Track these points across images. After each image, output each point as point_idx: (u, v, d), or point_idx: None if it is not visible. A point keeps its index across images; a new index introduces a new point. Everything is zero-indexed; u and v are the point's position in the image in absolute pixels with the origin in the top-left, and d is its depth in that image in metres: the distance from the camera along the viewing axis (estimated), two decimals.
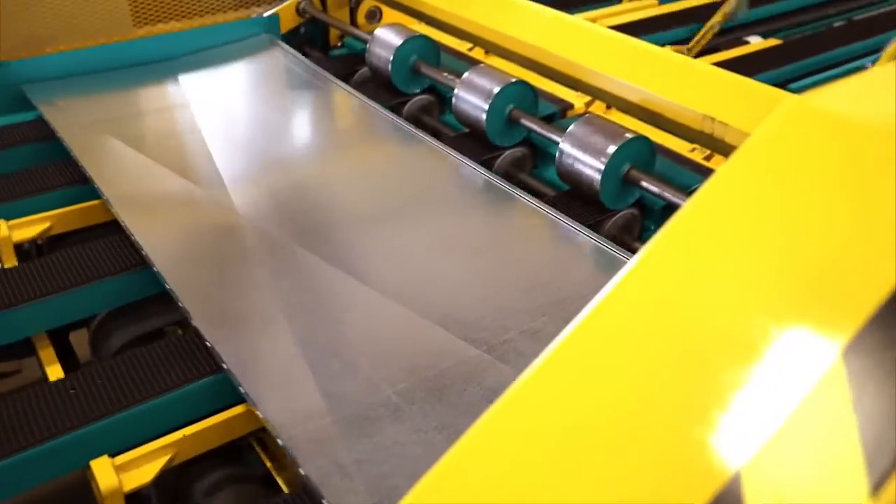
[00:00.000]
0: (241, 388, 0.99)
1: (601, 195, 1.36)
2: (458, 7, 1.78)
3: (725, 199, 0.53)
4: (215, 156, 1.53)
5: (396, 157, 1.57)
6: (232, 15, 2.28)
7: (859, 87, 0.62)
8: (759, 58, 2.32)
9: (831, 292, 0.49)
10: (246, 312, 1.13)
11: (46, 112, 1.68)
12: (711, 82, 1.32)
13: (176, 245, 1.29)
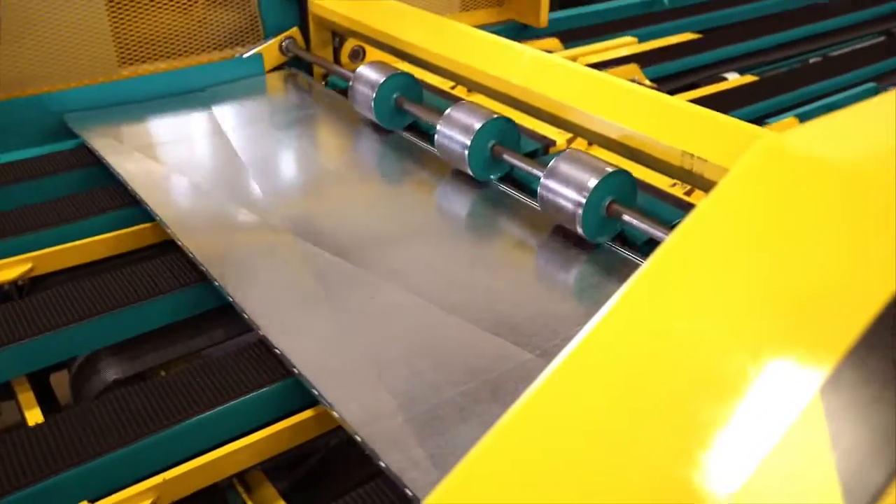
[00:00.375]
0: (314, 390, 1.05)
1: (583, 229, 1.37)
2: (440, 46, 1.80)
3: (702, 240, 0.53)
4: (254, 178, 1.62)
5: (421, 176, 1.67)
6: (217, 55, 2.30)
7: (831, 127, 0.63)
8: (737, 94, 2.37)
9: (809, 329, 0.49)
10: (308, 322, 1.20)
11: (90, 139, 1.77)
12: (689, 119, 1.34)
13: (232, 261, 1.35)
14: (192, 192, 1.59)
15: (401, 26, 1.92)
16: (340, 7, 2.11)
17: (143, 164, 1.68)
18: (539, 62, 1.62)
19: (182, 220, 1.47)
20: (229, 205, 1.53)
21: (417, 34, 1.87)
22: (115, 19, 2.11)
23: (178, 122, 1.93)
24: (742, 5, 3.36)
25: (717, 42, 2.86)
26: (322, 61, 2.19)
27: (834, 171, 0.55)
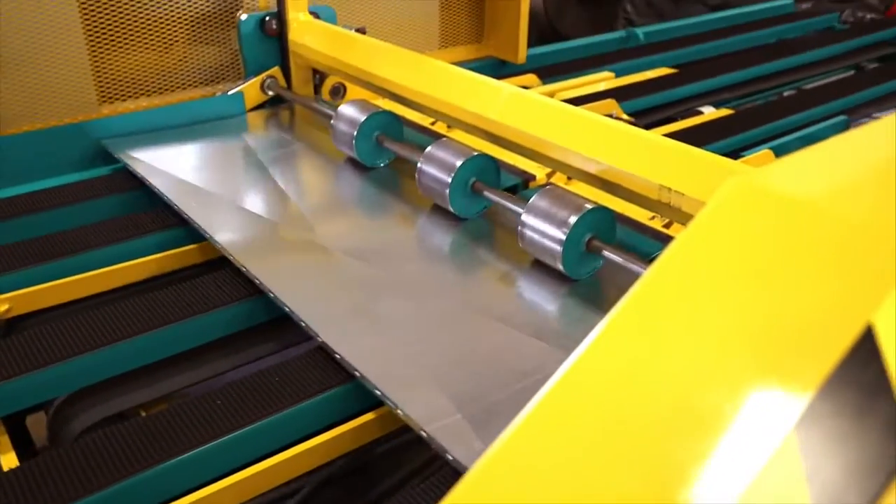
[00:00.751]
0: (377, 391, 1.11)
1: (563, 265, 1.38)
2: (419, 84, 1.82)
3: (675, 278, 0.54)
4: (294, 200, 1.70)
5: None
6: (198, 92, 2.31)
7: (801, 163, 0.64)
8: (713, 127, 2.41)
9: (783, 365, 0.50)
10: (361, 329, 1.26)
11: (132, 164, 1.85)
12: (666, 153, 1.36)
13: (286, 275, 1.43)
14: (234, 212, 1.67)
15: (380, 64, 1.94)
16: (320, 46, 2.13)
17: (184, 187, 1.75)
18: (517, 99, 1.65)
19: (232, 239, 1.55)
20: (271, 222, 1.62)
21: (397, 72, 1.89)
22: (95, 57, 2.12)
23: (207, 149, 2.01)
24: (716, 41, 3.43)
25: (693, 76, 2.91)
26: (303, 99, 2.20)
27: (804, 207, 0.56)
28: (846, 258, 0.51)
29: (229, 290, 1.42)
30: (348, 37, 2.12)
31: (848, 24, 3.86)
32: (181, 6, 2.22)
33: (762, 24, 3.71)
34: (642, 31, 3.46)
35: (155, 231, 1.64)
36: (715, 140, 2.25)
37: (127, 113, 2.10)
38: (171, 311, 1.36)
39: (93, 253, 1.56)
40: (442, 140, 1.66)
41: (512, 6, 2.81)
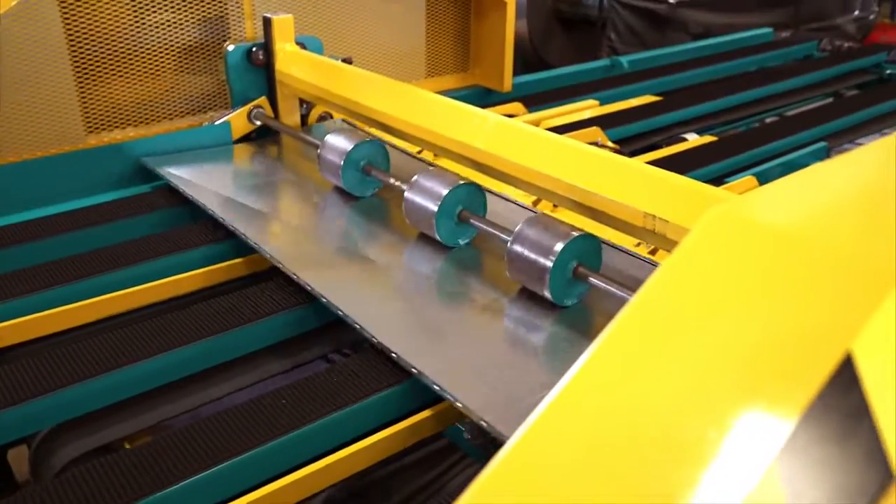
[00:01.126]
0: (436, 386, 1.19)
1: (550, 292, 1.38)
2: (405, 113, 1.84)
3: (658, 308, 0.55)
4: (331, 214, 1.80)
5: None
6: (185, 122, 2.32)
7: (781, 192, 0.65)
8: (697, 154, 2.43)
9: (765, 393, 0.50)
10: (414, 329, 1.37)
11: (174, 181, 1.93)
12: (650, 181, 1.38)
13: (336, 282, 1.51)
14: (283, 225, 1.78)
15: (366, 94, 1.96)
16: (306, 76, 2.14)
17: (229, 203, 1.83)
18: (502, 127, 1.66)
19: (281, 250, 1.63)
20: (315, 235, 1.74)
21: (383, 101, 1.91)
22: (82, 87, 2.13)
23: (245, 167, 2.11)
24: (699, 69, 3.49)
25: (676, 104, 2.95)
26: (289, 129, 2.22)
27: (784, 235, 0.57)
28: (825, 286, 0.52)
29: (272, 299, 1.49)
30: (335, 67, 2.13)
31: (826, 52, 3.94)
32: (169, 36, 2.24)
33: (743, 52, 3.77)
34: (626, 59, 3.51)
35: (201, 245, 1.71)
36: (699, 167, 2.27)
37: (112, 143, 2.11)
38: (157, 341, 1.36)
39: (139, 266, 1.62)
40: (428, 169, 1.66)
41: (497, 36, 2.84)
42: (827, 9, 6.01)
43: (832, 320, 0.50)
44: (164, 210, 1.88)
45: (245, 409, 1.19)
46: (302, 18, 2.45)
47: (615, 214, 1.41)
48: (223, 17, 2.31)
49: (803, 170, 0.70)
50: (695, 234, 0.56)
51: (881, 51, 3.80)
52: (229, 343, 1.42)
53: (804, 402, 0.48)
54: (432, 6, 2.82)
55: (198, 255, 1.69)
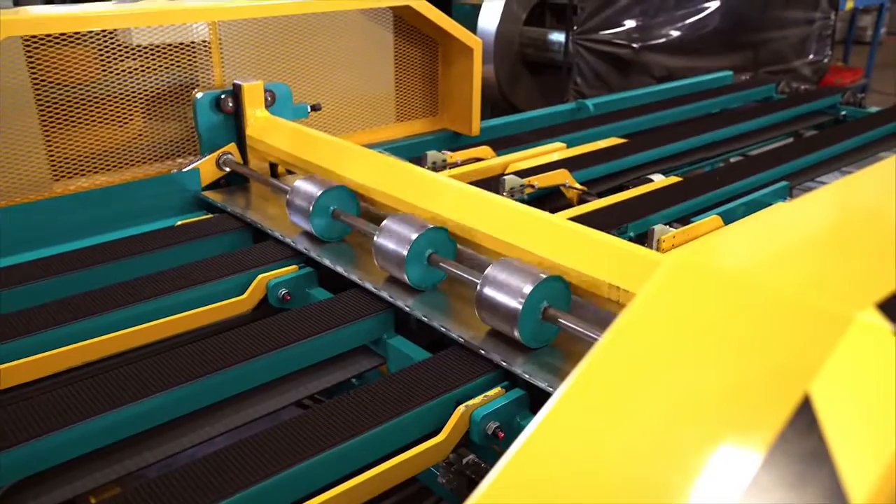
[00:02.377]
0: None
1: (520, 334, 1.39)
2: (376, 181, 1.87)
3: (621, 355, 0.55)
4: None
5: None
6: (153, 168, 2.31)
7: (737, 238, 0.67)
8: (663, 195, 2.47)
9: (727, 435, 0.51)
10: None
11: (230, 208, 2.08)
12: (615, 253, 1.42)
13: (401, 289, 1.65)
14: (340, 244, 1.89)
15: (337, 162, 1.97)
16: (278, 143, 2.17)
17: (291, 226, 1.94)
18: (472, 197, 1.70)
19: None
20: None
21: (350, 167, 1.93)
22: (49, 134, 2.11)
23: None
24: (663, 111, 3.56)
25: (642, 145, 3.01)
26: (258, 175, 2.22)
27: (741, 281, 0.58)
28: (783, 329, 0.53)
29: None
30: (306, 134, 2.16)
31: (784, 94, 4.05)
32: (137, 83, 2.24)
33: (705, 94, 3.87)
34: (592, 102, 3.58)
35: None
36: (665, 207, 2.31)
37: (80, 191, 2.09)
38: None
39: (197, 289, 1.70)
40: (398, 214, 1.68)
41: (464, 81, 2.89)
42: (784, 52, 6.21)
43: (790, 363, 0.51)
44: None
45: (215, 458, 1.17)
46: (271, 65, 2.48)
47: (580, 284, 1.44)
48: (192, 65, 2.32)
49: (761, 212, 0.71)
50: (656, 281, 0.57)
51: (835, 93, 3.93)
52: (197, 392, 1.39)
53: (765, 445, 0.49)
54: (401, 53, 2.86)
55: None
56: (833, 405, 0.47)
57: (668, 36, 5.73)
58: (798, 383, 0.49)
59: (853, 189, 0.85)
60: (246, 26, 2.39)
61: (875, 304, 0.52)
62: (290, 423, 1.26)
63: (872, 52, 8.41)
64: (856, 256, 0.65)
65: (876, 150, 3.28)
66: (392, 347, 1.58)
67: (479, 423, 1.30)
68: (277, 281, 1.74)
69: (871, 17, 9.71)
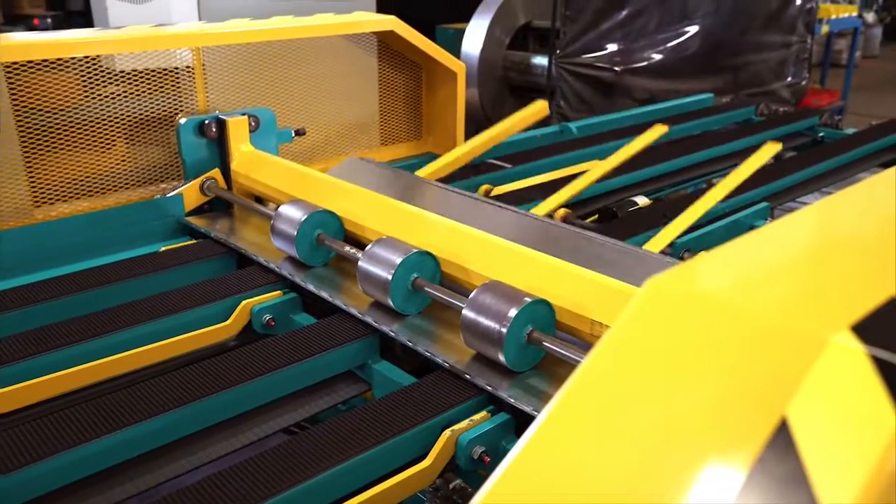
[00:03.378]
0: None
1: (505, 358, 1.39)
2: (362, 217, 1.88)
3: (601, 379, 0.56)
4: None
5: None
6: (136, 193, 2.31)
7: (719, 260, 0.68)
8: (647, 216, 2.49)
9: (707, 461, 0.51)
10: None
11: (214, 234, 2.09)
12: (597, 289, 1.43)
13: (386, 314, 1.65)
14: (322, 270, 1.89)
15: (324, 197, 1.98)
16: (263, 178, 2.18)
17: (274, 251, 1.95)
18: (456, 234, 1.71)
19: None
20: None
21: (335, 203, 1.93)
22: (30, 160, 2.10)
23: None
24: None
25: (625, 168, 3.03)
26: (243, 200, 2.22)
27: (719, 305, 0.59)
28: (760, 352, 0.54)
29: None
30: (291, 170, 2.17)
31: (764, 116, 4.10)
32: (120, 108, 2.24)
33: (686, 116, 3.91)
34: (575, 125, 3.61)
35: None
36: (648, 229, 2.32)
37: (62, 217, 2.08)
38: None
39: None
40: (383, 238, 1.68)
41: (449, 105, 2.91)
42: (763, 75, 6.30)
43: (767, 386, 0.51)
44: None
45: (200, 487, 1.16)
46: (255, 91, 2.49)
47: (562, 320, 1.44)
48: (176, 90, 2.33)
49: (742, 237, 0.72)
50: (636, 305, 0.58)
51: (813, 115, 3.99)
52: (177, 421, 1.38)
53: (745, 468, 0.49)
54: (385, 77, 2.88)
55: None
56: (809, 427, 0.48)
57: (649, 59, 5.81)
58: (775, 406, 0.50)
59: (831, 211, 0.86)
60: (230, 52, 2.40)
61: (850, 326, 0.53)
62: (274, 450, 1.25)
63: (848, 74, 8.57)
64: (833, 278, 0.66)
65: (855, 171, 3.33)
66: (377, 372, 1.58)
67: (465, 447, 1.29)
68: (261, 307, 1.73)
69: (847, 40, 9.90)
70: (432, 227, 1.76)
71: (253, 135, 2.29)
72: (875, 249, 0.74)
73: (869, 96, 9.95)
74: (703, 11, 5.88)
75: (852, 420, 0.48)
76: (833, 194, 0.87)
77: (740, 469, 0.49)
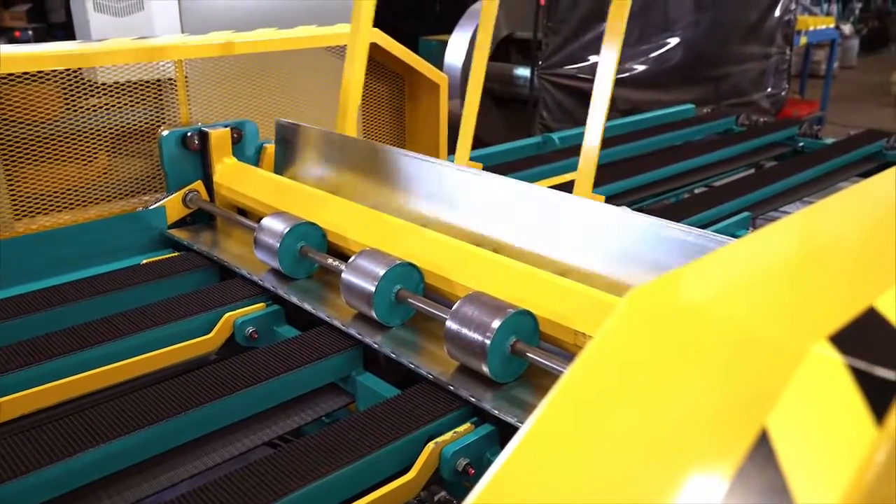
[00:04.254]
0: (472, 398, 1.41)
1: (489, 369, 1.39)
2: (345, 228, 1.88)
3: (582, 392, 0.56)
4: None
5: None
6: (118, 206, 2.29)
7: (699, 272, 0.68)
8: None
9: (688, 473, 0.51)
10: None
11: (197, 246, 2.07)
12: (580, 300, 1.44)
13: (369, 325, 1.65)
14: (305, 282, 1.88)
15: (307, 209, 1.97)
16: (246, 190, 2.17)
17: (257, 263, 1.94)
18: (440, 245, 1.71)
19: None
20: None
21: (320, 215, 1.93)
22: (10, 172, 2.09)
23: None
24: (628, 143, 3.63)
25: (608, 178, 3.05)
26: (226, 212, 2.21)
27: (700, 316, 0.60)
28: (739, 364, 0.54)
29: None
30: (274, 181, 2.16)
31: (744, 126, 4.15)
32: (102, 120, 2.23)
33: (668, 127, 3.95)
34: (558, 135, 3.63)
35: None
36: None
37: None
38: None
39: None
40: (366, 250, 1.68)
41: (431, 116, 2.92)
42: (743, 86, 6.38)
43: (747, 397, 0.52)
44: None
45: (182, 502, 1.15)
46: (238, 102, 2.48)
47: (546, 331, 1.45)
48: (158, 102, 2.32)
49: (722, 248, 0.73)
50: (618, 317, 0.58)
51: (793, 125, 4.04)
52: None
53: (727, 479, 0.50)
54: (367, 89, 2.88)
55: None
56: (789, 438, 0.48)
57: (631, 70, 5.86)
58: (755, 417, 0.50)
59: (810, 222, 0.87)
60: (212, 64, 2.39)
61: (828, 336, 0.54)
62: (257, 463, 1.24)
63: (827, 85, 8.68)
64: (812, 288, 0.67)
65: (835, 181, 3.37)
66: (361, 384, 1.57)
67: (449, 459, 1.29)
68: (244, 319, 1.73)
69: (825, 51, 10.03)
70: (417, 237, 1.77)
71: (236, 147, 2.28)
72: (854, 259, 0.75)
73: (847, 106, 10.09)
74: (684, 23, 5.95)
75: (831, 430, 0.48)
76: (813, 204, 0.87)
77: (721, 480, 0.49)
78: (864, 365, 0.50)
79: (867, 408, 0.48)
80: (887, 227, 0.77)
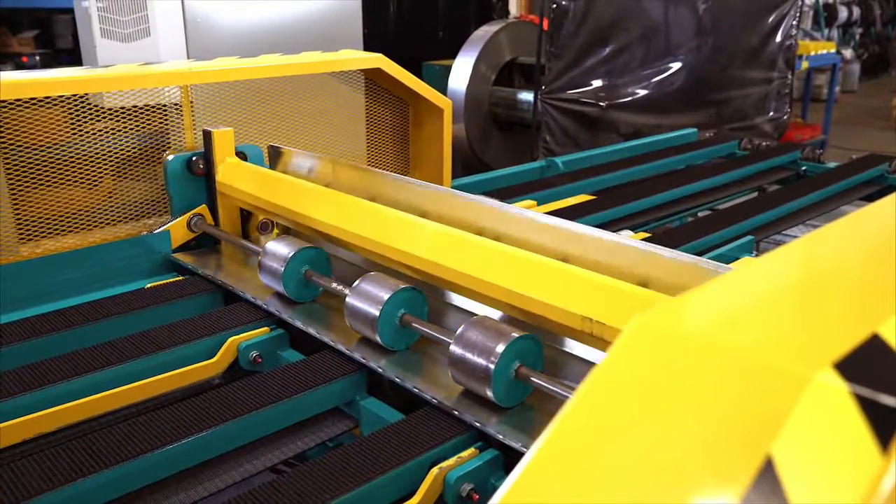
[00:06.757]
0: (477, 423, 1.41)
1: (493, 394, 1.39)
2: (346, 222, 1.87)
3: (586, 419, 0.56)
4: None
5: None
6: (123, 229, 2.30)
7: (704, 298, 0.68)
8: None
9: (698, 499, 0.51)
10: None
11: (201, 270, 2.08)
12: (587, 285, 1.42)
13: (374, 350, 1.65)
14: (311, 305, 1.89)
15: (307, 204, 1.98)
16: (247, 187, 2.17)
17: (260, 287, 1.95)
18: (442, 236, 1.70)
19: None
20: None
21: (323, 211, 1.93)
22: (15, 196, 2.10)
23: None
24: (630, 167, 3.63)
25: (611, 202, 3.06)
26: (230, 237, 2.22)
27: (705, 343, 0.60)
28: (744, 392, 0.54)
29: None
30: (275, 178, 2.17)
31: (747, 150, 4.16)
32: (108, 144, 2.24)
33: (671, 151, 3.96)
34: (561, 160, 3.64)
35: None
36: None
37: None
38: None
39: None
40: (370, 274, 1.68)
41: (435, 140, 2.93)
42: (745, 110, 6.40)
43: (752, 425, 0.52)
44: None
45: None
46: (243, 127, 2.50)
47: (553, 318, 1.44)
48: (163, 127, 2.33)
49: (726, 274, 0.73)
50: (621, 343, 0.59)
51: (795, 149, 4.04)
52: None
53: (737, 500, 0.50)
54: (372, 114, 2.90)
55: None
56: (794, 466, 0.48)
57: (634, 95, 5.88)
58: (760, 445, 0.50)
59: (814, 247, 0.87)
60: (217, 89, 2.41)
61: (833, 363, 0.54)
62: (261, 488, 1.24)
63: (829, 109, 8.72)
64: (816, 315, 0.67)
65: (838, 204, 3.37)
66: (365, 409, 1.57)
67: (452, 485, 1.28)
68: (248, 343, 1.73)
69: (826, 76, 10.09)
70: (419, 230, 1.74)
71: None
72: (857, 285, 0.75)
73: (849, 130, 10.13)
74: (686, 48, 5.98)
75: (836, 458, 0.48)
76: (817, 228, 0.88)
77: (733, 498, 0.49)
78: (868, 392, 0.50)
79: (872, 435, 0.48)
80: (890, 252, 0.77)
